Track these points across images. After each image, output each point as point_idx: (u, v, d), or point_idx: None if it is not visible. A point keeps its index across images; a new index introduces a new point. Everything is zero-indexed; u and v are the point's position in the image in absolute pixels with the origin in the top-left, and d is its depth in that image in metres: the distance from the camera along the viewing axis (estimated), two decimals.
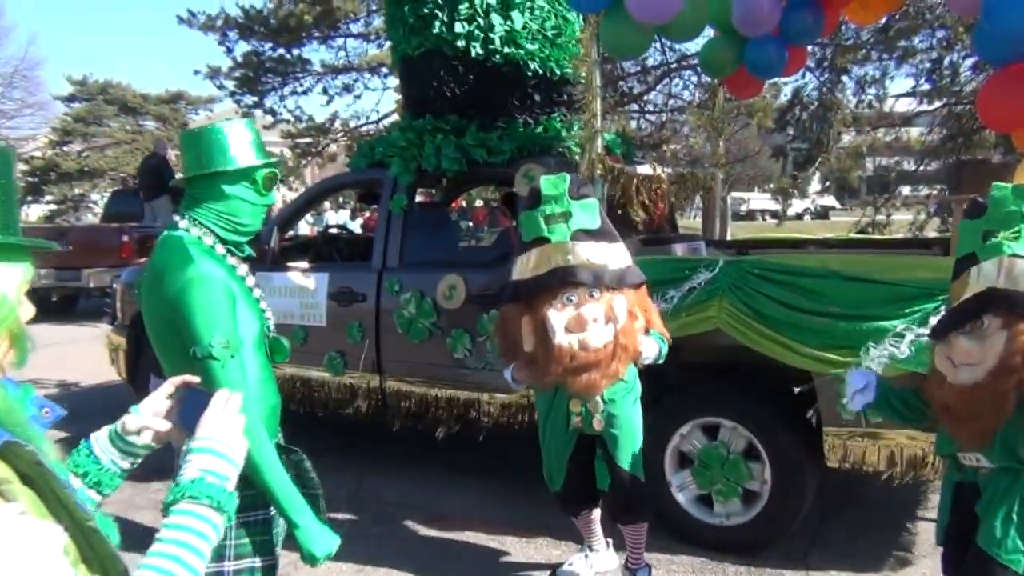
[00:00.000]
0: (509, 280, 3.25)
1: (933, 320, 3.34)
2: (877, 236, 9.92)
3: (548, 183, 3.12)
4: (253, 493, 1.97)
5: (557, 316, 3.02)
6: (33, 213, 28.06)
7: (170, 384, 1.52)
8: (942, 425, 2.57)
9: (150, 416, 1.51)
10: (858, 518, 4.36)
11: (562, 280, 3.03)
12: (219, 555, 1.95)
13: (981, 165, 5.11)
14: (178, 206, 2.22)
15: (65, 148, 27.41)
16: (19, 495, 1.02)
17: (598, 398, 3.23)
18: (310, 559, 1.99)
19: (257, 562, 2.04)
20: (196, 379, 1.55)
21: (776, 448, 3.82)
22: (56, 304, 12.70)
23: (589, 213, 3.13)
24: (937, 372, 2.48)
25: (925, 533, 4.19)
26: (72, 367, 8.13)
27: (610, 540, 3.77)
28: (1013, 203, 2.32)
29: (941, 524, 2.69)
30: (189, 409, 1.43)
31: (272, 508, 2.04)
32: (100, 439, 1.49)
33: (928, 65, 11.01)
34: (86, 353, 8.33)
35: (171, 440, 1.53)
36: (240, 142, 2.11)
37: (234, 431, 1.38)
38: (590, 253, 3.07)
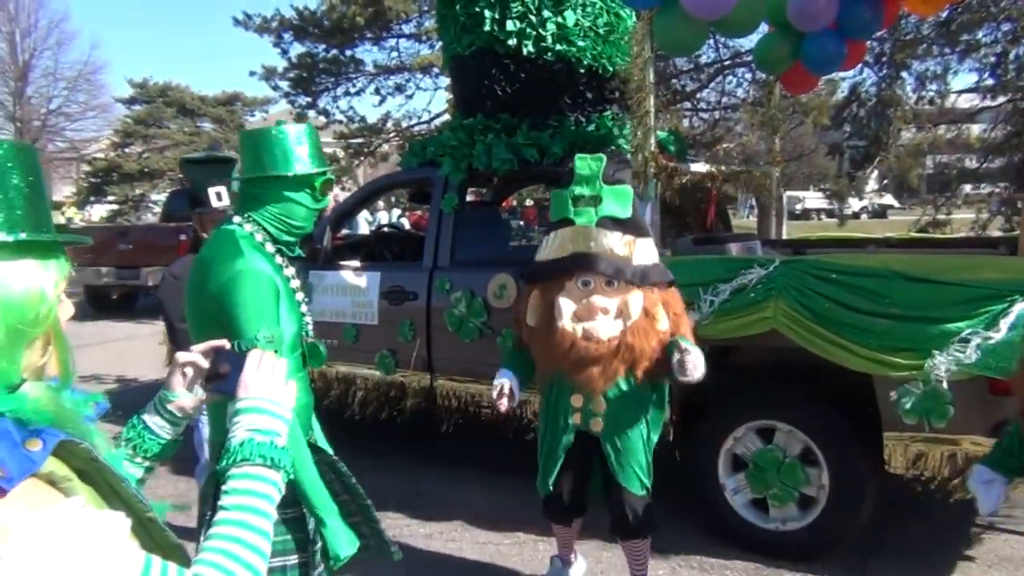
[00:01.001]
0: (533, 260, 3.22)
1: (1003, 321, 3.23)
2: (939, 235, 9.64)
3: (583, 163, 3.03)
4: (287, 491, 1.98)
5: (567, 300, 2.98)
6: (96, 213, 28.87)
7: (198, 351, 1.52)
8: None
9: (186, 385, 1.52)
10: (919, 526, 4.24)
11: (579, 266, 2.98)
12: None
13: None
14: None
15: (126, 150, 28.13)
16: (79, 490, 1.03)
17: (600, 397, 3.08)
18: (334, 559, 2.02)
19: (290, 560, 2.04)
20: (225, 343, 1.54)
21: (834, 452, 3.73)
22: (116, 302, 13.03)
23: (620, 201, 3.03)
24: None
25: (990, 542, 4.06)
26: (132, 363, 8.32)
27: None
28: None
29: None
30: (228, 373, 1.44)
31: (296, 510, 2.05)
32: (148, 411, 1.53)
33: (992, 59, 10.67)
34: (145, 349, 8.51)
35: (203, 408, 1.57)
36: (302, 147, 2.15)
37: (274, 385, 1.38)
38: (614, 243, 2.98)
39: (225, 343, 1.53)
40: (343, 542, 2.04)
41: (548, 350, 3.06)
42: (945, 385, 3.34)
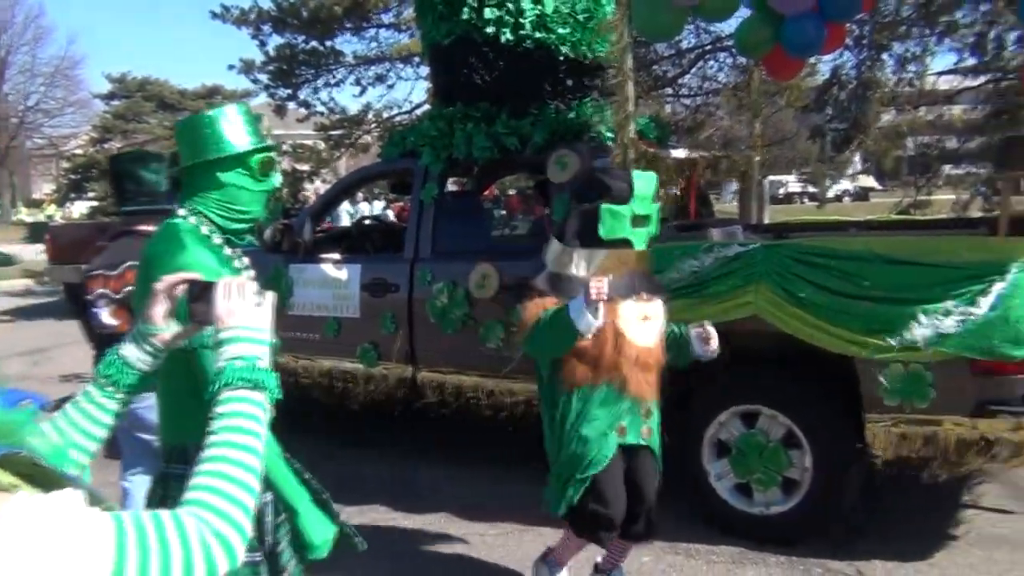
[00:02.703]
0: (561, 271, 2.98)
1: (982, 301, 3.25)
2: (920, 217, 9.69)
3: (643, 181, 2.91)
4: None
5: (625, 309, 2.92)
6: (76, 210, 28.63)
7: (168, 284, 1.53)
8: None
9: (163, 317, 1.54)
10: (904, 507, 4.26)
11: (637, 290, 2.93)
12: None
13: None
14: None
15: (106, 145, 27.88)
16: (26, 491, 1.02)
17: (651, 403, 3.03)
18: (309, 548, 1.99)
19: (256, 556, 1.96)
20: (196, 275, 1.55)
21: (817, 436, 3.74)
22: None
23: (656, 217, 3.04)
24: None
25: (974, 521, 4.09)
26: None
27: None
28: None
29: None
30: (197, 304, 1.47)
31: (263, 498, 1.96)
32: (124, 346, 1.55)
33: (972, 40, 10.70)
34: None
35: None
36: (232, 128, 2.06)
37: (246, 309, 1.40)
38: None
39: (196, 275, 1.54)
40: (319, 527, 2.00)
41: (607, 355, 2.92)
42: (926, 367, 3.36)
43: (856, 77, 12.03)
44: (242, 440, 1.23)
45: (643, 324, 2.95)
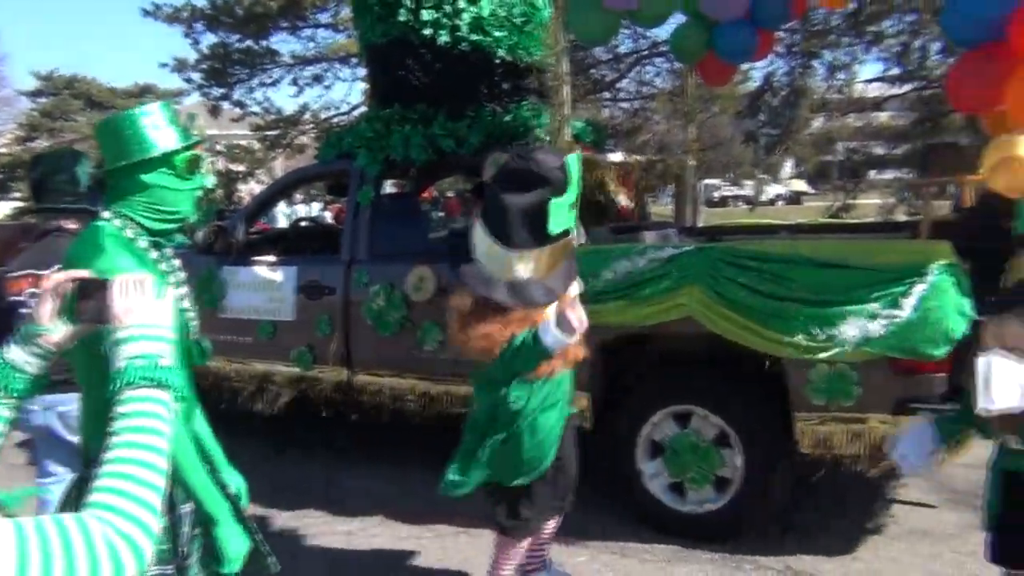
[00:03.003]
0: (514, 277, 2.82)
1: (904, 302, 3.35)
2: (848, 221, 9.97)
3: (573, 164, 2.80)
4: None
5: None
6: (0, 211, 27.62)
7: (55, 283, 1.48)
8: None
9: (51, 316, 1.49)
10: (831, 503, 4.37)
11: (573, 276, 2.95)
12: None
13: (950, 149, 5.13)
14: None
15: (32, 144, 26.94)
16: None
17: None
18: (223, 561, 1.96)
19: (168, 570, 1.93)
20: (85, 273, 1.51)
21: (748, 435, 3.81)
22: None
23: None
24: (983, 347, 2.46)
25: (897, 516, 4.22)
26: None
27: None
28: None
29: (990, 511, 2.60)
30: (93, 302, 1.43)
31: (179, 510, 1.96)
32: (8, 349, 1.49)
33: (898, 49, 11.06)
34: None
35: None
36: (154, 127, 2.01)
37: (145, 307, 1.36)
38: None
39: (85, 272, 1.51)
40: (235, 540, 1.97)
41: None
42: (851, 366, 3.45)
43: (788, 84, 12.33)
44: (146, 440, 1.19)
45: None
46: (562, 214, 2.74)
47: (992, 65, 3.47)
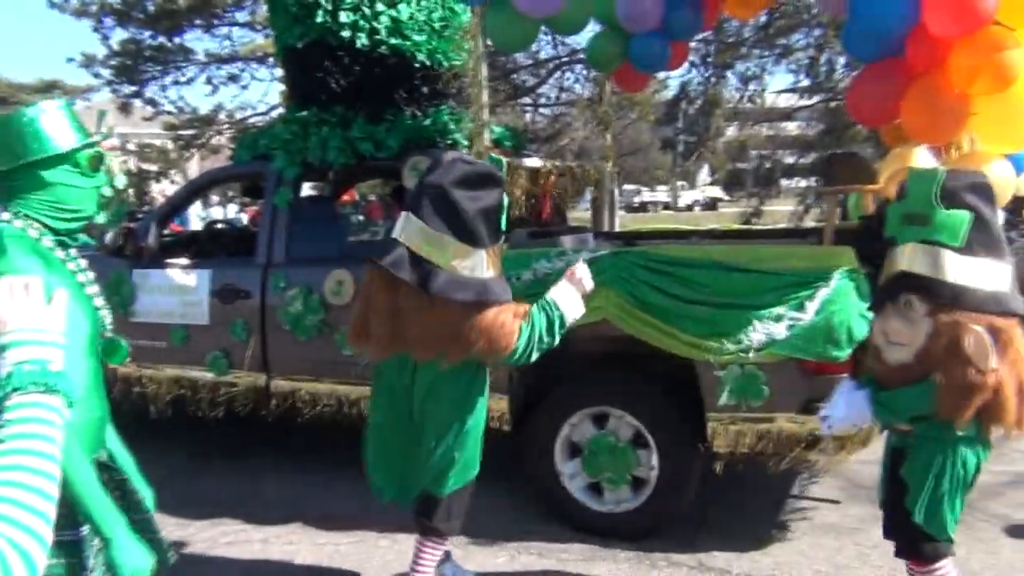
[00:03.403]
0: (484, 275, 2.90)
1: (809, 306, 3.49)
2: (759, 227, 10.29)
3: (502, 167, 3.04)
4: (60, 513, 1.86)
5: None
6: None
7: None
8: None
9: None
10: (742, 500, 4.51)
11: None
12: None
13: (851, 158, 5.35)
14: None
15: None
16: None
17: None
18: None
19: None
20: None
21: (662, 435, 3.91)
22: None
23: None
24: (873, 345, 2.59)
25: (805, 512, 4.38)
26: None
27: None
28: (927, 187, 2.41)
29: (882, 488, 2.76)
30: None
31: (82, 529, 1.92)
32: None
33: (806, 62, 11.48)
34: None
35: None
36: (55, 125, 1.97)
37: (33, 310, 1.30)
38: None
39: None
40: (132, 556, 1.91)
41: None
42: (760, 368, 3.57)
43: (702, 93, 12.67)
44: (36, 447, 1.14)
45: None
46: (505, 211, 2.97)
47: (890, 80, 3.65)
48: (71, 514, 1.85)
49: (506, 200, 2.91)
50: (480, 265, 2.85)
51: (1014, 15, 3.23)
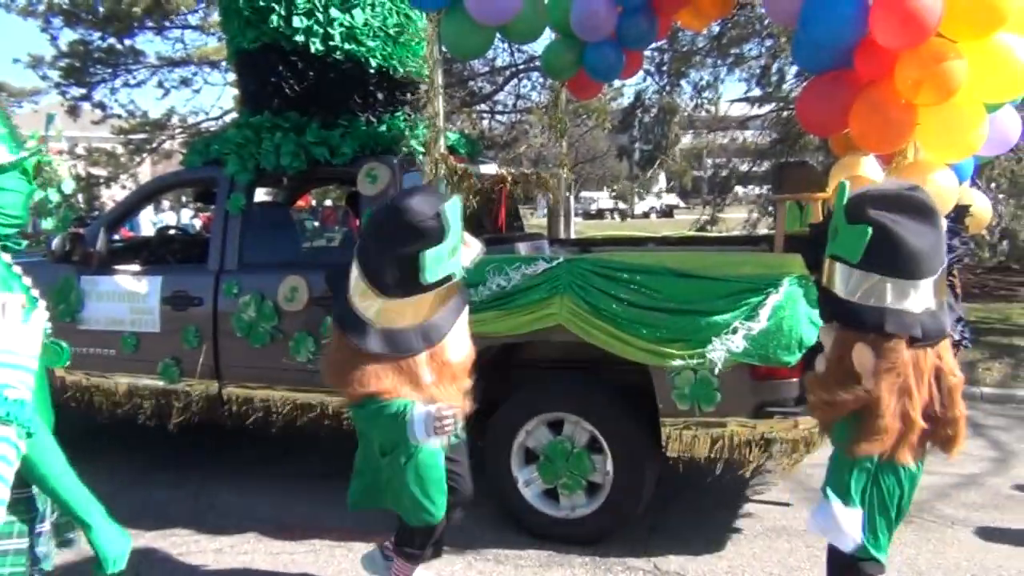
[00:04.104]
0: (390, 325, 2.83)
1: (761, 312, 3.55)
2: (713, 234, 10.42)
3: (451, 210, 2.73)
4: (16, 521, 1.89)
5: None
6: None
7: None
8: None
9: None
10: (695, 504, 4.56)
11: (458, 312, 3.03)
12: None
13: (801, 167, 5.45)
14: None
15: None
16: None
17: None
18: (103, 563, 1.93)
19: (10, 544, 1.91)
20: None
21: (617, 440, 3.93)
22: None
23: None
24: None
25: (758, 515, 4.43)
26: None
27: None
28: (839, 202, 2.44)
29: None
30: None
31: (28, 538, 1.94)
32: None
33: (758, 72, 11.66)
34: None
35: None
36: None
37: (5, 334, 1.30)
38: None
39: None
40: (115, 540, 1.95)
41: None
42: (714, 373, 3.61)
43: (658, 102, 12.81)
44: None
45: (458, 340, 2.98)
46: (440, 262, 2.69)
47: (838, 90, 3.73)
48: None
49: (447, 246, 2.71)
50: (382, 313, 2.78)
51: (956, 28, 3.32)
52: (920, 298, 2.29)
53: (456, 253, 2.79)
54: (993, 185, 8.60)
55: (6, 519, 1.82)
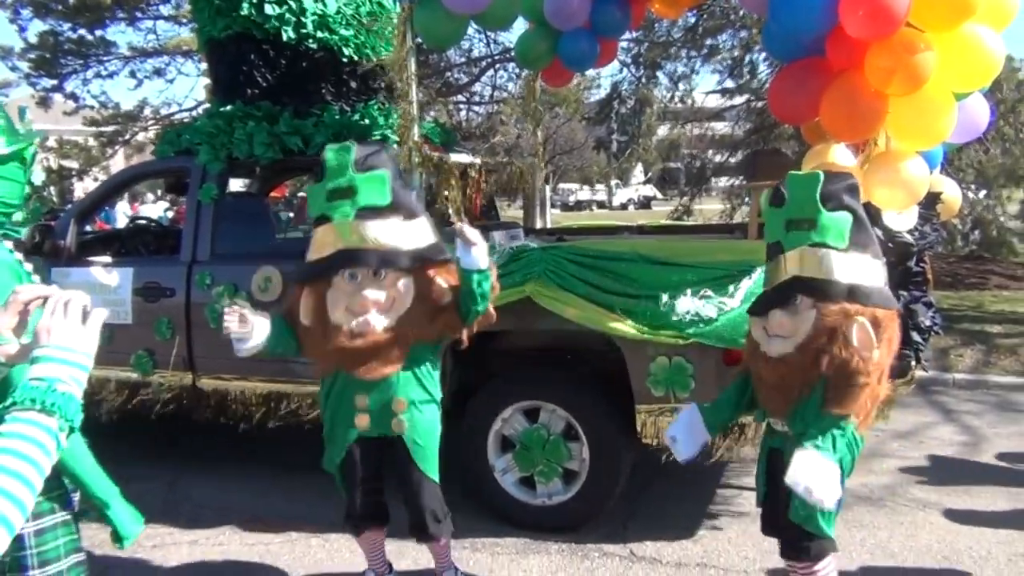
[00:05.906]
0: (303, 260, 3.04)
1: (732, 297, 3.56)
2: (687, 223, 10.46)
3: (331, 154, 2.88)
4: (51, 496, 2.00)
5: (335, 295, 2.92)
6: None
7: (28, 296, 1.51)
8: (757, 392, 2.74)
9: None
10: (671, 490, 4.58)
11: (342, 263, 2.90)
12: (21, 565, 1.95)
13: (774, 155, 5.50)
14: None
15: None
16: None
17: (401, 396, 3.00)
18: (120, 540, 2.18)
19: (65, 564, 2.05)
20: (52, 289, 1.50)
21: (593, 428, 3.94)
22: None
23: (376, 187, 2.88)
24: (752, 341, 2.66)
25: (734, 499, 4.47)
26: None
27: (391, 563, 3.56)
28: (809, 192, 2.49)
29: (760, 487, 2.87)
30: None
31: (69, 509, 2.11)
32: None
33: (731, 63, 11.72)
34: None
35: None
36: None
37: (65, 328, 1.34)
38: (378, 232, 2.87)
39: (52, 289, 1.49)
40: (129, 520, 2.20)
41: (324, 347, 2.95)
42: (687, 358, 3.63)
43: (634, 93, 12.83)
44: (15, 466, 1.14)
45: (372, 312, 2.89)
46: (317, 200, 2.94)
47: (809, 79, 3.74)
48: (59, 497, 2.09)
49: (322, 187, 2.93)
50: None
51: (925, 18, 3.35)
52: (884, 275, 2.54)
53: (345, 197, 2.87)
54: (960, 174, 8.71)
55: (49, 546, 2.00)
